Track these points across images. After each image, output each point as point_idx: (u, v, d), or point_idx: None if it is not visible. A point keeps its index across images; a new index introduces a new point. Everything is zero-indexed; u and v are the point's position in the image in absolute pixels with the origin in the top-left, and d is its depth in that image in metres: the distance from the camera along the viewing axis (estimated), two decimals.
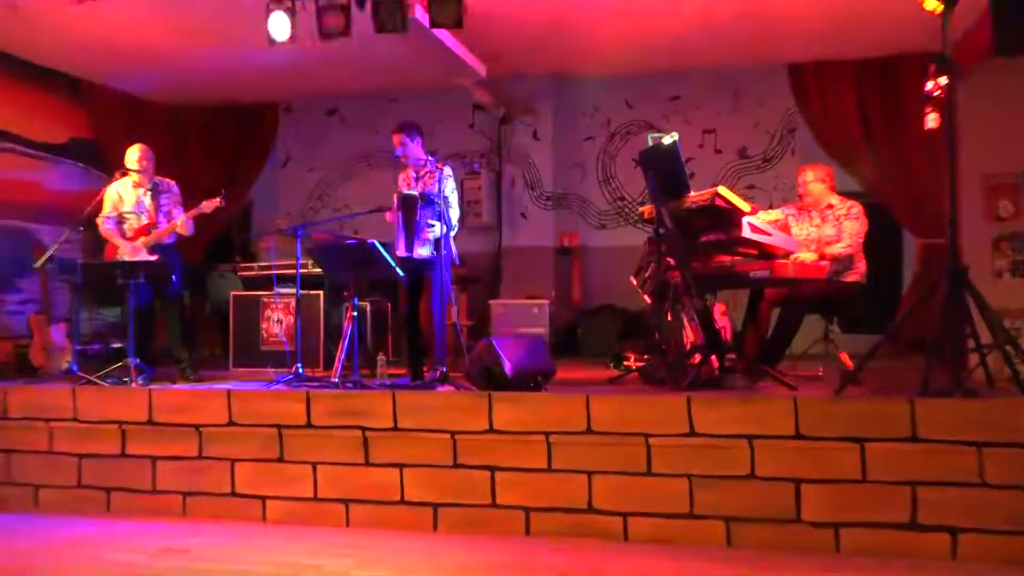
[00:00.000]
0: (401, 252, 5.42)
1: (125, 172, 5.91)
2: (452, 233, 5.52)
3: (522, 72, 8.55)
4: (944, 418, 3.78)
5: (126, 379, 5.29)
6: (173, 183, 6.11)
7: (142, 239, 5.91)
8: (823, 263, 5.07)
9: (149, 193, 5.98)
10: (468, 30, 6.10)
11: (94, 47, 7.47)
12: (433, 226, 5.39)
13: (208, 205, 5.86)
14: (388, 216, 5.70)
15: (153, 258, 5.79)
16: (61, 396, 4.98)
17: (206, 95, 9.21)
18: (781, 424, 3.94)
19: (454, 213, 5.56)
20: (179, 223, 5.89)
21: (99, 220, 5.99)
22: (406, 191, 5.56)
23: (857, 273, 5.29)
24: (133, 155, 5.93)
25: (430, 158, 5.76)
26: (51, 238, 7.43)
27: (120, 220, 5.98)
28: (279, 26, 5.88)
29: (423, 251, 5.46)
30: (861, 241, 5.26)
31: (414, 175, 5.72)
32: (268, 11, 5.87)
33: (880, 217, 7.85)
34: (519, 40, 7.61)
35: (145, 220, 5.94)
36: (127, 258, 5.79)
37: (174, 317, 5.95)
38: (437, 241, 5.40)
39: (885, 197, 8.02)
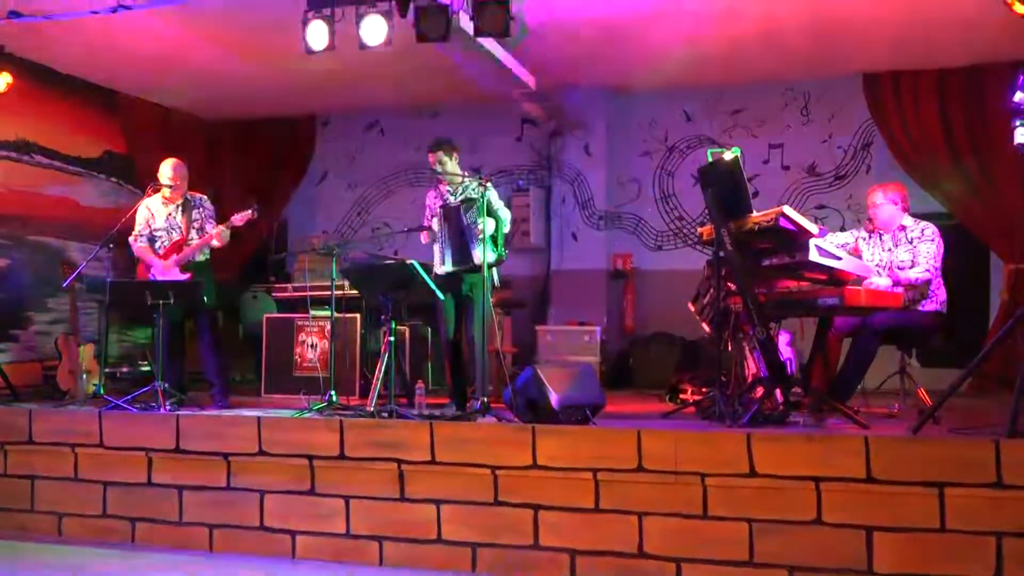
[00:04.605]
0: (439, 269, 5.48)
1: (158, 187, 6.09)
2: (505, 230, 5.63)
3: (574, 83, 8.60)
4: None
5: (154, 404, 5.42)
6: (205, 198, 6.28)
7: (174, 256, 6.06)
8: (898, 290, 4.99)
9: (180, 209, 6.15)
10: (516, 39, 6.17)
11: (129, 59, 7.74)
12: (481, 223, 5.33)
13: (240, 218, 5.99)
14: (423, 237, 5.80)
15: (185, 276, 5.94)
16: (86, 421, 5.11)
17: (243, 108, 9.46)
18: (851, 465, 3.87)
19: (505, 213, 5.62)
20: (214, 233, 6.01)
21: (131, 238, 6.17)
22: (444, 202, 5.67)
23: (936, 302, 5.18)
24: (165, 169, 6.12)
25: (466, 175, 5.82)
26: (82, 256, 7.67)
27: (152, 238, 6.15)
28: (317, 35, 6.02)
29: (489, 256, 5.45)
30: (938, 265, 5.17)
31: (448, 190, 5.81)
32: (306, 21, 6.01)
33: (965, 240, 7.74)
34: (571, 50, 7.66)
35: (177, 236, 6.11)
36: (159, 277, 5.95)
37: (206, 339, 6.07)
38: (494, 239, 5.47)
39: (970, 218, 7.86)
